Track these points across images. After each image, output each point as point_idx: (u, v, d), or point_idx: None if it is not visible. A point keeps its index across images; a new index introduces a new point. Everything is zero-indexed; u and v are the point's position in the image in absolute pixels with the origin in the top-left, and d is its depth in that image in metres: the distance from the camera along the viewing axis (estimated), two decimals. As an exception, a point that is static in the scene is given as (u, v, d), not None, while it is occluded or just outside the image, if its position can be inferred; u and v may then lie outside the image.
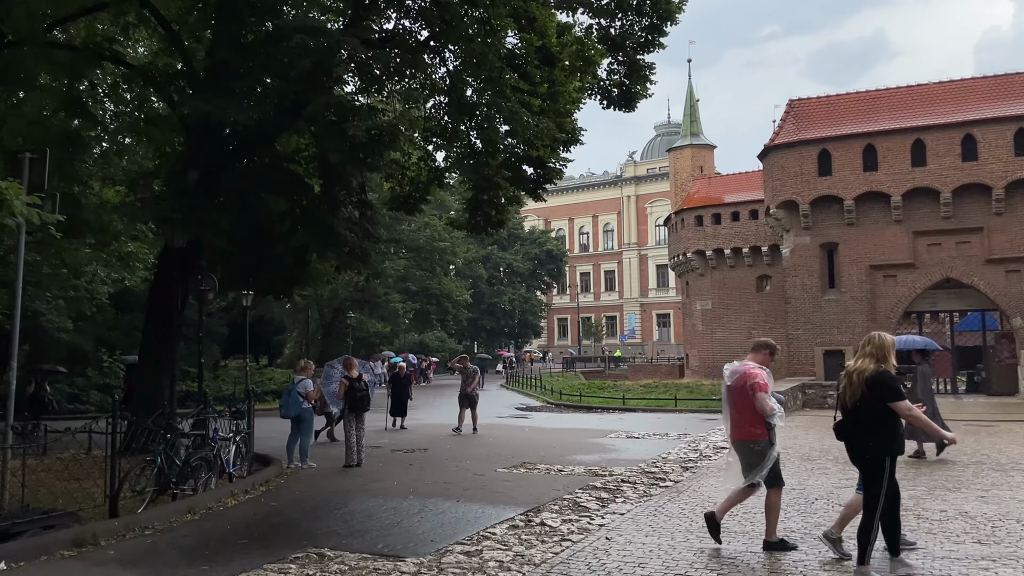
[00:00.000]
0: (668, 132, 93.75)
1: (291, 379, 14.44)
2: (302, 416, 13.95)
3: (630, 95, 15.40)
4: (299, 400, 13.80)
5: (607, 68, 15.47)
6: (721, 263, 46.22)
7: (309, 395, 14.27)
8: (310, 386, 14.30)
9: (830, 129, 33.65)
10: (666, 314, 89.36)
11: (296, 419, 13.95)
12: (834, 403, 23.89)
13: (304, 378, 14.27)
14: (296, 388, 13.96)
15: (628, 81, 15.33)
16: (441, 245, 50.79)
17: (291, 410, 13.78)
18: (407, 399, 20.91)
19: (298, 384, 14.01)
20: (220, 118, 12.19)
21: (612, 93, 15.42)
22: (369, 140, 12.15)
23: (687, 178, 50.99)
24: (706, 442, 17.02)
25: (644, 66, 15.13)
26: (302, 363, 15.01)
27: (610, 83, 15.60)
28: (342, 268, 15.22)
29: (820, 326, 33.83)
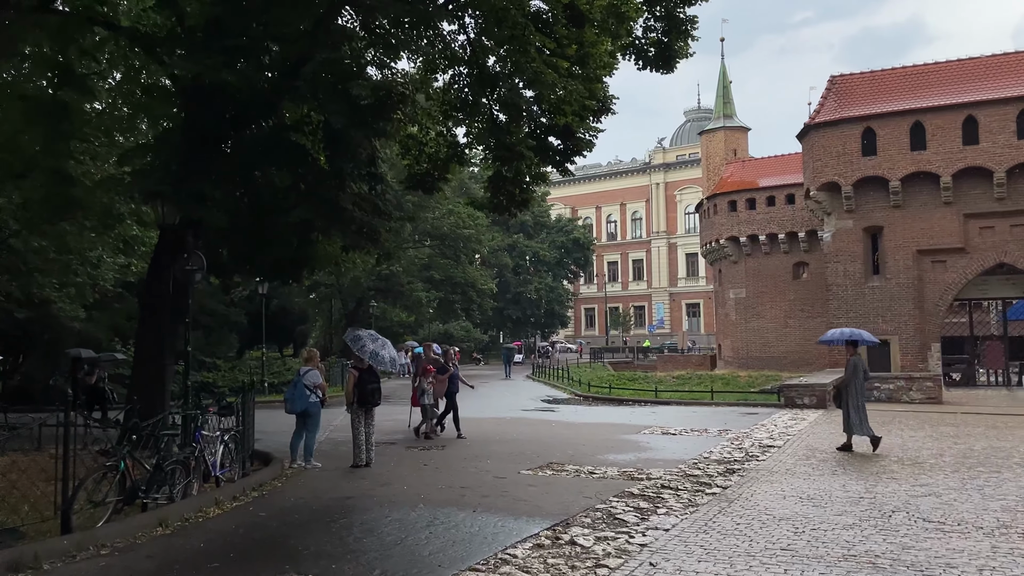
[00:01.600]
0: (698, 118, 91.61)
1: (296, 371, 12.96)
2: (309, 411, 12.62)
3: (669, 54, 13.84)
4: (306, 394, 12.58)
5: (643, 24, 13.96)
6: (756, 250, 44.39)
7: (318, 387, 13.01)
8: (318, 378, 13.02)
9: (875, 106, 31.79)
10: (696, 304, 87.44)
11: (302, 414, 12.63)
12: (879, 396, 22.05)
13: (311, 369, 13.00)
14: (302, 380, 12.70)
15: (667, 39, 13.79)
16: (466, 233, 49.48)
17: (297, 404, 12.55)
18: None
19: (305, 375, 12.72)
20: (211, 79, 10.91)
21: (648, 53, 13.87)
22: (376, 102, 10.81)
23: (720, 162, 49.14)
24: (750, 439, 15.53)
25: (685, 20, 13.54)
26: (307, 352, 13.70)
27: (646, 41, 14.06)
28: (350, 248, 13.89)
29: (863, 315, 32.02)
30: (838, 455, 13.41)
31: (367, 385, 12.63)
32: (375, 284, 46.76)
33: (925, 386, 26.10)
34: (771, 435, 16.21)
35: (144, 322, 14.69)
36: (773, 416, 20.23)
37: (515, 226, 69.15)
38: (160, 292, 13.99)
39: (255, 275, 16.02)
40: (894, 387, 26.35)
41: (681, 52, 13.81)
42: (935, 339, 31.21)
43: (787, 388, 23.08)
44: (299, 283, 17.80)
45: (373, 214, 13.06)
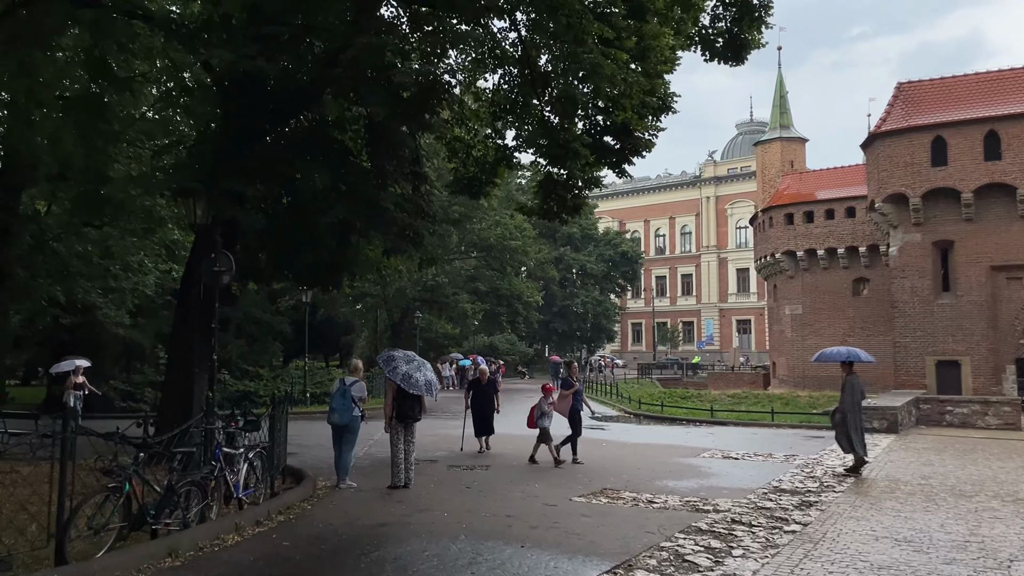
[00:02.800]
0: (751, 131, 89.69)
1: (341, 381, 12.04)
2: (351, 426, 11.77)
3: (740, 43, 12.73)
4: (352, 406, 11.72)
5: (711, 12, 12.89)
6: (813, 264, 42.69)
7: (364, 400, 12.16)
8: (363, 391, 12.19)
9: (945, 114, 30.15)
10: (747, 320, 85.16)
11: (344, 428, 11.76)
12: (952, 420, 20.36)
13: (357, 380, 12.12)
14: (351, 391, 11.82)
15: (737, 27, 12.72)
16: (512, 244, 48.54)
17: (345, 416, 11.66)
18: (492, 412, 16.39)
19: (351, 387, 11.86)
20: (247, 69, 10.17)
21: (717, 43, 12.79)
22: (419, 92, 9.96)
23: (775, 174, 47.58)
24: (822, 467, 14.25)
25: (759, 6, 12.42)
26: (354, 363, 12.77)
27: (714, 31, 13.00)
28: (391, 251, 13.03)
29: (932, 333, 30.32)
30: (925, 487, 12.08)
31: (406, 399, 11.66)
32: (420, 295, 46.13)
33: (1002, 411, 24.32)
34: (843, 462, 14.85)
35: (176, 330, 14.05)
36: (841, 440, 18.81)
37: (562, 238, 68.16)
38: (193, 298, 13.30)
39: (293, 281, 15.26)
40: (968, 411, 24.61)
41: (753, 42, 12.70)
42: (1010, 361, 29.33)
43: (854, 410, 21.58)
44: (339, 289, 16.98)
45: (416, 215, 12.20)
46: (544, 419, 14.62)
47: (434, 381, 11.77)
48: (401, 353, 11.97)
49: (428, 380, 11.57)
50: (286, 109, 11.63)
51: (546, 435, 14.48)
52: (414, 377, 11.32)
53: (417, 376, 11.34)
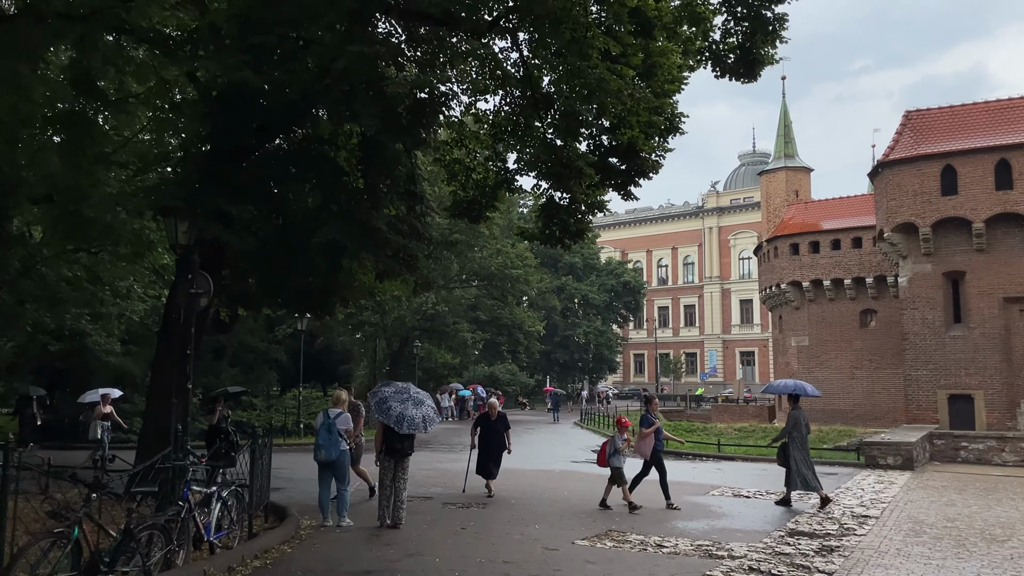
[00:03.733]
0: (753, 162, 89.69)
1: (325, 414, 11.28)
2: (339, 461, 11.13)
3: (752, 60, 12.14)
4: (339, 440, 11.05)
5: (722, 26, 12.33)
6: (819, 295, 41.97)
7: (350, 433, 11.47)
8: (349, 422, 11.51)
9: (955, 143, 29.65)
10: (750, 352, 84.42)
11: (331, 464, 11.11)
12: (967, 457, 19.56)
13: (342, 412, 11.41)
14: (336, 424, 11.09)
15: (749, 42, 12.14)
16: (514, 273, 47.90)
17: (332, 451, 11.00)
18: (502, 453, 14.30)
19: (336, 419, 11.15)
20: (232, 79, 9.60)
21: (727, 59, 12.23)
22: (414, 104, 9.38)
23: (780, 203, 47.00)
24: (840, 507, 13.45)
25: (773, 19, 11.80)
26: (341, 394, 11.98)
27: (725, 46, 12.43)
28: (384, 275, 12.37)
29: (944, 366, 29.56)
30: (952, 530, 11.30)
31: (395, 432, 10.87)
32: (420, 324, 45.47)
33: (1019, 447, 23.45)
34: (862, 502, 14.09)
35: (159, 356, 13.35)
36: (856, 478, 18.03)
37: (564, 268, 67.64)
38: (175, 323, 12.61)
39: (284, 306, 14.59)
40: (984, 447, 23.74)
41: (767, 58, 12.11)
42: (1024, 395, 28.53)
43: (868, 446, 20.79)
44: (331, 315, 16.33)
45: (410, 237, 11.56)
46: (617, 457, 13.15)
47: (429, 416, 10.94)
48: (392, 390, 11.23)
49: (425, 416, 10.78)
50: (275, 125, 11.06)
51: (620, 476, 13.08)
52: (409, 416, 10.58)
53: (412, 414, 10.59)
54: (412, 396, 10.96)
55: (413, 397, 10.93)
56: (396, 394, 11.00)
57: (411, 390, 11.22)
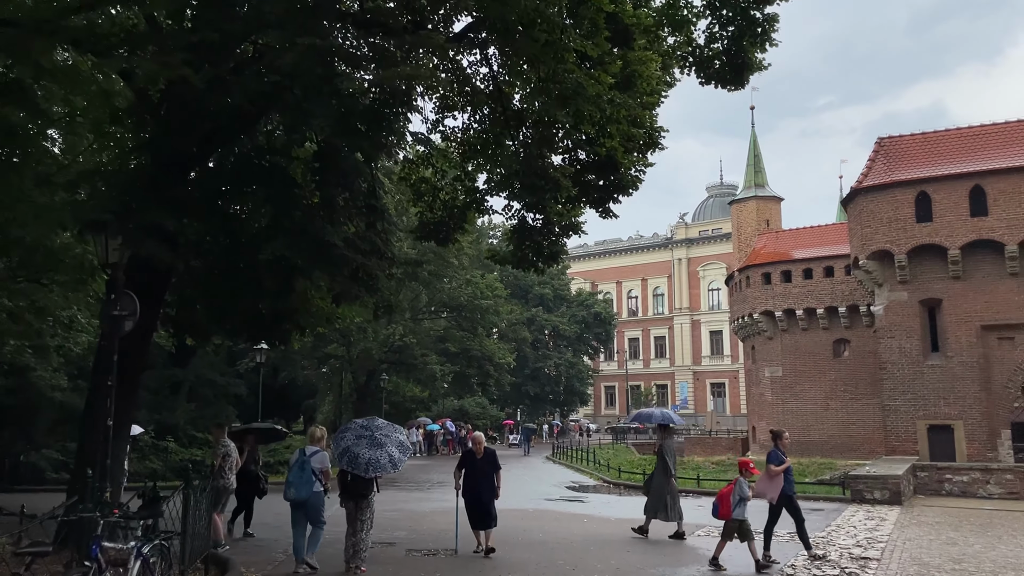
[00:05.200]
0: (721, 193, 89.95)
1: (301, 451, 10.63)
2: (312, 502, 10.40)
3: (739, 65, 11.33)
4: (312, 479, 10.37)
5: (706, 30, 11.56)
6: (792, 325, 41.50)
7: (326, 473, 10.65)
8: (326, 461, 10.72)
9: (929, 169, 29.42)
10: (721, 383, 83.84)
11: (302, 504, 10.36)
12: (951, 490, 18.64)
13: (318, 450, 10.66)
14: (311, 463, 10.43)
15: (735, 47, 11.38)
16: (484, 304, 46.90)
17: (302, 491, 10.33)
18: (493, 497, 11.81)
19: (312, 457, 10.50)
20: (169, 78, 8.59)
21: (712, 65, 11.47)
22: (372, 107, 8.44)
23: (752, 233, 46.72)
24: (835, 547, 12.52)
25: (762, 20, 11.04)
26: (316, 431, 11.23)
27: (709, 52, 11.66)
28: (341, 297, 11.29)
29: (922, 396, 28.99)
30: (962, 573, 10.39)
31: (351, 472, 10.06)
32: (387, 356, 44.18)
33: (1004, 479, 22.81)
34: (857, 541, 13.18)
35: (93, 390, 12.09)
36: (844, 513, 17.14)
37: (534, 299, 66.82)
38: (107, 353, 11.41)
39: (233, 335, 13.42)
40: (968, 479, 23.04)
41: (754, 63, 11.34)
42: (1005, 425, 28.01)
43: (853, 480, 19.95)
44: (286, 344, 15.15)
45: (370, 255, 10.53)
46: (742, 508, 11.15)
47: (395, 456, 10.08)
48: (359, 424, 10.57)
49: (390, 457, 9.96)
50: (221, 133, 10.03)
51: (746, 531, 11.08)
52: (360, 456, 9.78)
53: (363, 454, 9.78)
54: (373, 434, 10.18)
55: (374, 437, 10.14)
56: (357, 428, 10.33)
57: (373, 427, 10.40)
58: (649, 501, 13.80)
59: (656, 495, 13.66)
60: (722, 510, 11.17)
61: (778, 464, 11.81)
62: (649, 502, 13.80)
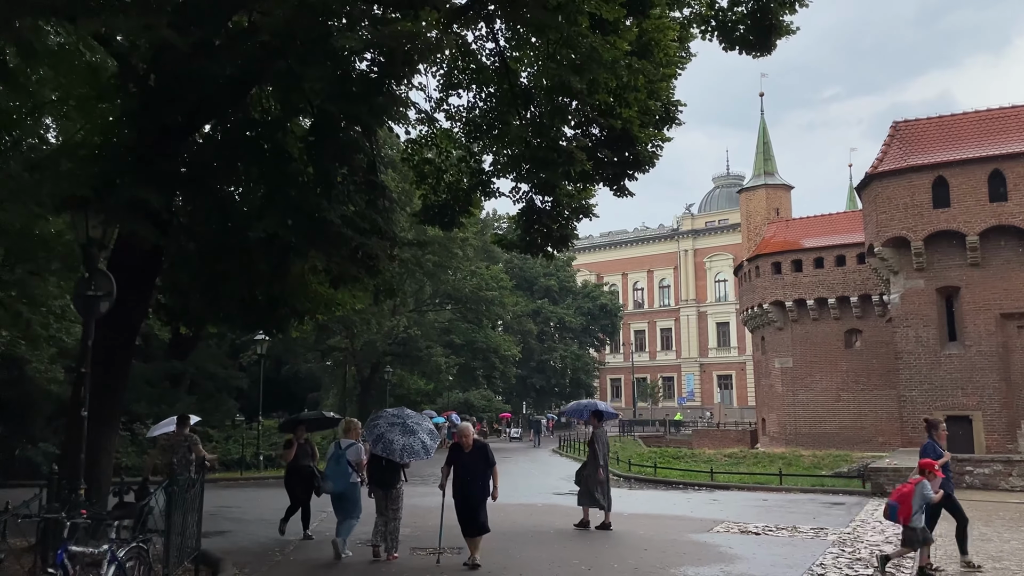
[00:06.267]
0: (728, 184, 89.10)
1: (336, 444, 10.92)
2: (348, 494, 10.78)
3: (766, 28, 10.54)
4: (348, 471, 10.75)
5: (729, -10, 10.82)
6: (803, 315, 40.76)
7: (361, 465, 10.91)
8: (361, 453, 11.00)
9: (946, 153, 28.61)
10: (728, 375, 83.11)
11: (341, 495, 10.76)
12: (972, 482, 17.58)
13: (353, 442, 10.97)
14: (346, 455, 10.79)
15: (762, 9, 10.65)
16: (488, 295, 46.26)
17: (338, 483, 10.75)
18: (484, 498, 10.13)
19: (347, 450, 10.83)
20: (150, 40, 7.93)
21: (737, 30, 10.74)
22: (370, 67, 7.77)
23: (761, 221, 45.95)
24: (864, 545, 11.83)
25: (795, -23, 10.33)
26: (349, 423, 11.37)
27: (733, 15, 10.93)
28: (340, 280, 10.61)
29: (940, 387, 28.25)
30: (1005, 573, 9.71)
31: (377, 461, 10.35)
32: (391, 348, 43.58)
33: (1028, 471, 22.10)
34: (886, 537, 12.50)
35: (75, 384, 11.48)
36: (866, 508, 16.45)
37: (539, 291, 66.15)
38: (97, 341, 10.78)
39: (227, 322, 12.76)
40: (990, 472, 22.27)
41: (782, 27, 10.61)
42: (1025, 415, 27.27)
43: (874, 473, 19.22)
44: (284, 333, 14.53)
45: (370, 234, 9.85)
46: (922, 514, 9.72)
47: (427, 442, 10.37)
48: (391, 412, 10.83)
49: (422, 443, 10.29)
50: (210, 102, 9.35)
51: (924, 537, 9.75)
52: (395, 442, 9.95)
53: (397, 440, 9.95)
54: (405, 422, 10.46)
55: (406, 424, 10.40)
56: (389, 417, 10.57)
57: (404, 416, 10.68)
58: (582, 491, 13.64)
59: (585, 485, 13.56)
60: (903, 515, 9.70)
61: (936, 458, 10.53)
62: (582, 492, 13.64)
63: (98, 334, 11.32)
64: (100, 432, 11.24)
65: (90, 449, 10.80)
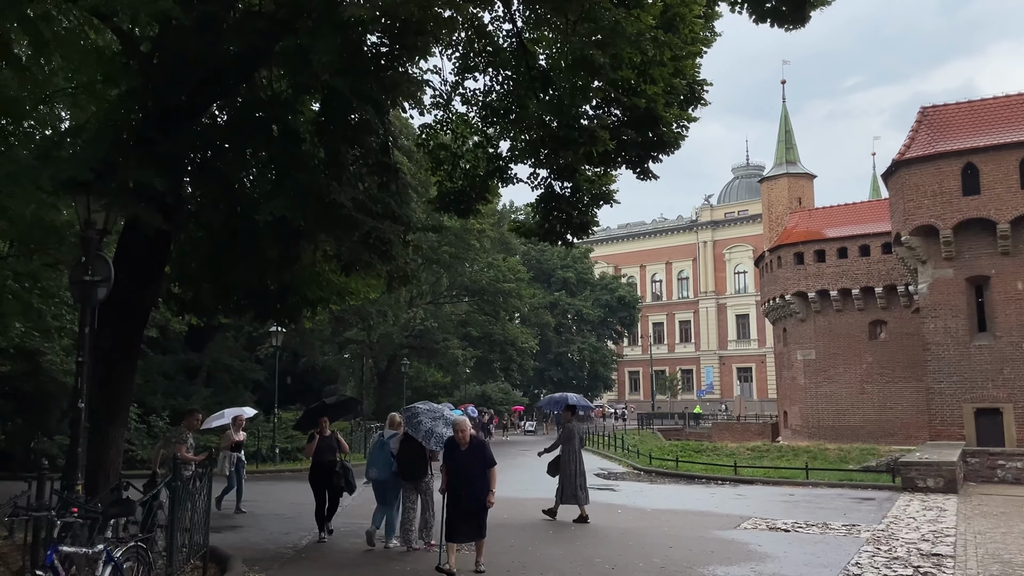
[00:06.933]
0: (747, 175, 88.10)
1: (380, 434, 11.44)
2: (391, 483, 10.87)
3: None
4: (391, 460, 10.83)
5: (758, -41, 10.28)
6: (826, 306, 40.03)
7: None
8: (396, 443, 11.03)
9: (976, 139, 27.81)
10: (747, 368, 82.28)
11: (384, 483, 10.87)
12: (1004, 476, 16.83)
13: (396, 433, 10.99)
14: (389, 445, 10.92)
15: (796, -21, 10.11)
16: (505, 287, 45.77)
17: (381, 471, 10.89)
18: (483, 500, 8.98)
19: (391, 440, 10.97)
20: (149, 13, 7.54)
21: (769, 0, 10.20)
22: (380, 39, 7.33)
23: (783, 211, 45.13)
24: (901, 543, 11.30)
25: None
26: (395, 417, 11.36)
27: (764, -15, 10.41)
28: (351, 267, 10.20)
29: (969, 378, 27.53)
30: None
31: (406, 453, 10.61)
32: (408, 341, 43.29)
33: (1062, 465, 21.45)
34: (922, 535, 11.96)
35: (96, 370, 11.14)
36: (897, 503, 15.90)
37: (557, 283, 65.65)
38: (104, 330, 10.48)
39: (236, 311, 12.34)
40: (1023, 465, 21.68)
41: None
42: (1058, 408, 26.51)
43: (905, 467, 18.64)
44: (297, 323, 14.16)
45: (383, 218, 9.43)
46: None
47: None
48: (425, 408, 11.13)
49: None
50: (216, 80, 8.96)
51: None
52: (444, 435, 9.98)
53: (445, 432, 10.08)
54: (444, 416, 10.81)
55: (444, 416, 10.77)
56: (435, 421, 10.69)
57: (437, 410, 11.13)
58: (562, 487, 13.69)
59: (561, 478, 13.65)
60: None
61: None
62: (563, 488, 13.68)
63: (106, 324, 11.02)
64: (108, 425, 10.95)
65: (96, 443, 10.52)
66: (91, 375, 10.39)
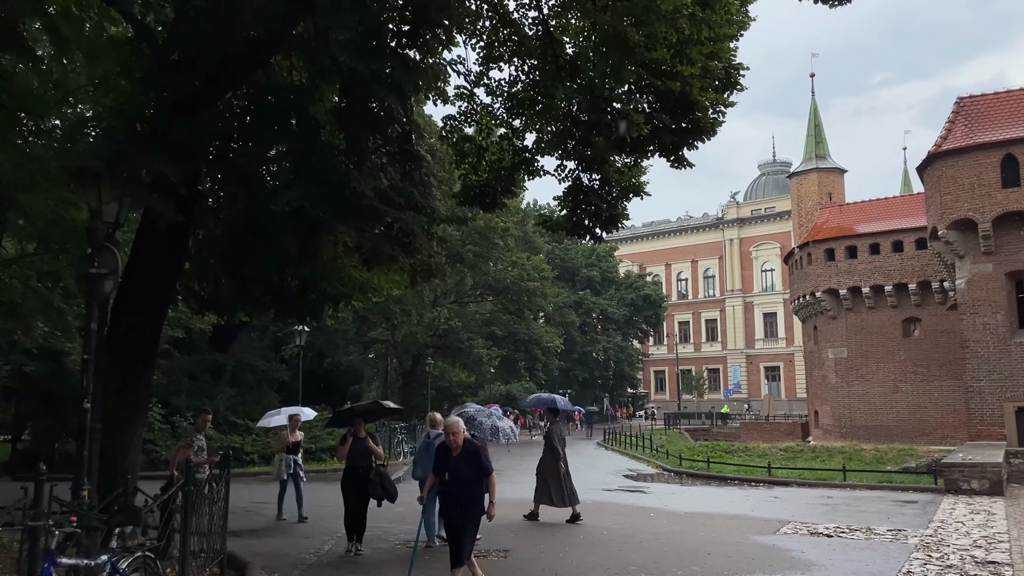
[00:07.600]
0: (774, 171, 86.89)
1: (426, 435, 11.14)
2: None
3: (848, -29, 9.55)
4: None
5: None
6: (858, 304, 39.15)
7: None
8: None
9: (1015, 130, 26.95)
10: (775, 367, 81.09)
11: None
12: None
13: (440, 433, 10.04)
14: (434, 444, 9.92)
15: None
16: (530, 286, 45.32)
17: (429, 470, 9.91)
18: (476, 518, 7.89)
19: (435, 440, 10.33)
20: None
21: (815, -24, 9.69)
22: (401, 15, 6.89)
23: (813, 207, 44.29)
24: (953, 550, 10.70)
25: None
26: (437, 417, 11.03)
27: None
28: (373, 260, 9.76)
29: (1010, 376, 26.67)
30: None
31: None
32: (433, 340, 42.99)
33: (1111, 466, 20.63)
34: (974, 541, 11.35)
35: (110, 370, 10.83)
36: (942, 506, 15.25)
37: (582, 282, 65.13)
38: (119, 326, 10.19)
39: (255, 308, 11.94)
40: (1069, 467, 20.89)
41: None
42: (1103, 407, 25.60)
43: (947, 468, 17.94)
44: (318, 320, 13.83)
45: (405, 208, 9.01)
46: None
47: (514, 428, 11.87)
48: (475, 408, 11.68)
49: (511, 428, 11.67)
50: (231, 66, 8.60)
51: None
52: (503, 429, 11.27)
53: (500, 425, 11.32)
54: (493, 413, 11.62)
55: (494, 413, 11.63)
56: (488, 417, 11.33)
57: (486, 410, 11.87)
58: (538, 486, 13.48)
59: (542, 480, 13.41)
60: None
61: None
62: (538, 487, 13.48)
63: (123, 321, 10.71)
64: (126, 427, 10.63)
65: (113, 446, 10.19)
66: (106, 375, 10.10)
